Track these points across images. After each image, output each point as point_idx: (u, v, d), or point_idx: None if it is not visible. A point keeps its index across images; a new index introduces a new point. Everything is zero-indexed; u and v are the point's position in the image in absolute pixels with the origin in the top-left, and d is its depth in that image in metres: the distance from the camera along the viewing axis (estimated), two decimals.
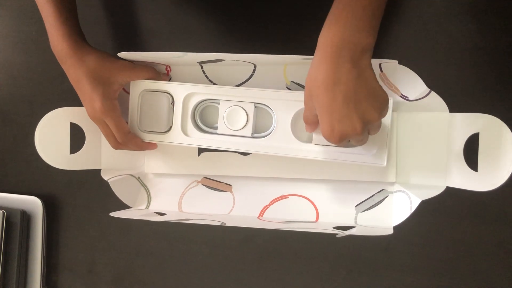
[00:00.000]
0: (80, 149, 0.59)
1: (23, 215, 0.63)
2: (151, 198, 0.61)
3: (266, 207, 0.58)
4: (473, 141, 0.49)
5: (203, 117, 0.57)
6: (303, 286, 0.57)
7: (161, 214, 0.59)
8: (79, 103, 0.54)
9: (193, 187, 0.60)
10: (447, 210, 0.53)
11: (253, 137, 0.54)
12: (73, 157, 0.59)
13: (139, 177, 0.62)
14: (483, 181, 0.48)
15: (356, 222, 0.55)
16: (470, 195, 0.49)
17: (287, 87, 0.56)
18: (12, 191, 0.65)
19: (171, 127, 0.56)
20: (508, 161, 0.47)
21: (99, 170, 0.60)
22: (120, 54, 0.53)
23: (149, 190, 0.62)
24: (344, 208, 0.56)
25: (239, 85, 0.57)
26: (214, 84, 0.58)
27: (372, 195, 0.55)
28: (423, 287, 0.54)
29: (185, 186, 0.60)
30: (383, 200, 0.55)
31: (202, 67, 0.58)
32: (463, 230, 0.53)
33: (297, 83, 0.56)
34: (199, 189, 0.60)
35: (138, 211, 0.60)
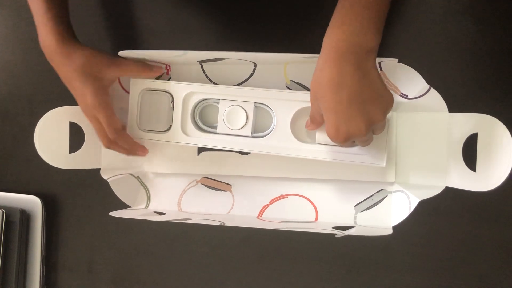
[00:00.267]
0: (80, 149, 0.59)
1: (22, 214, 0.63)
2: (151, 198, 0.61)
3: (265, 207, 0.58)
4: (472, 141, 0.49)
5: (202, 116, 0.57)
6: (302, 286, 0.57)
7: (161, 214, 0.59)
8: None
9: (192, 186, 0.60)
10: (446, 210, 0.53)
11: (253, 136, 0.54)
12: (72, 156, 0.59)
13: (138, 177, 0.62)
14: (482, 181, 0.48)
15: (355, 222, 0.55)
16: (469, 195, 0.49)
17: (287, 86, 0.56)
18: (11, 190, 0.65)
19: (170, 126, 0.56)
20: (507, 161, 0.47)
21: (98, 170, 0.60)
22: (121, 52, 0.53)
23: (148, 190, 0.62)
24: (344, 208, 0.56)
25: (239, 84, 0.57)
26: (214, 83, 0.58)
27: (371, 195, 0.55)
28: (422, 287, 0.54)
29: (184, 186, 0.60)
30: (382, 200, 0.55)
31: (202, 66, 0.58)
32: (462, 230, 0.53)
33: (297, 82, 0.56)
34: (198, 188, 0.60)
35: (137, 210, 0.60)
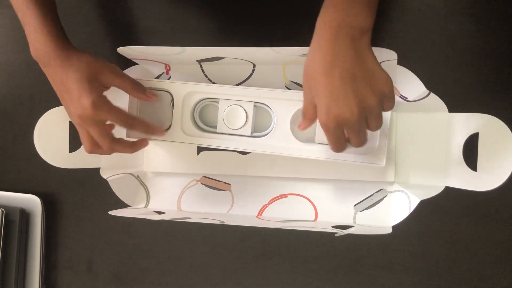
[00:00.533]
0: (79, 148, 0.59)
1: (22, 213, 0.63)
2: (150, 197, 0.61)
3: (265, 206, 0.58)
4: (472, 141, 0.49)
5: (202, 116, 0.57)
6: (301, 285, 0.57)
7: (160, 213, 0.59)
8: None
9: (192, 186, 0.60)
10: (446, 210, 0.53)
11: (252, 136, 0.54)
12: (72, 155, 0.59)
13: (138, 176, 0.62)
14: (482, 181, 0.48)
15: (354, 222, 0.55)
16: (469, 195, 0.49)
17: (287, 87, 0.56)
18: (11, 189, 0.65)
19: (170, 125, 0.56)
20: (507, 161, 0.47)
21: (98, 169, 0.60)
22: (119, 49, 0.53)
23: (148, 189, 0.62)
24: (343, 208, 0.56)
25: (238, 84, 0.57)
26: (214, 83, 0.58)
27: (371, 194, 0.55)
28: (422, 286, 0.54)
29: (184, 185, 0.60)
30: (382, 200, 0.55)
31: (201, 66, 0.58)
32: (462, 230, 0.53)
33: (296, 83, 0.56)
34: (198, 188, 0.60)
35: (137, 209, 0.60)
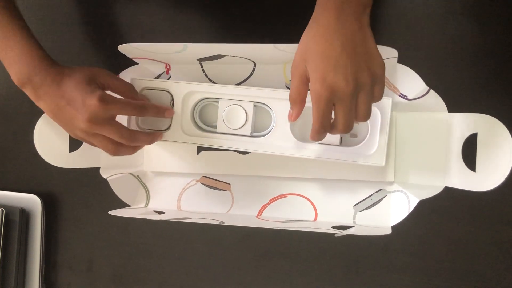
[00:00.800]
0: (79, 148, 0.59)
1: (22, 213, 0.63)
2: (150, 197, 0.61)
3: (264, 206, 0.58)
4: (472, 141, 0.49)
5: (202, 115, 0.57)
6: (301, 285, 0.57)
7: (160, 213, 0.59)
8: None
9: (192, 185, 0.60)
10: (445, 210, 0.53)
11: (252, 136, 0.54)
12: (72, 155, 0.59)
13: (138, 176, 0.62)
14: (482, 181, 0.48)
15: (354, 222, 0.55)
16: (469, 195, 0.49)
17: (287, 86, 0.56)
18: (11, 189, 0.65)
19: (170, 125, 0.56)
20: (506, 161, 0.47)
21: (98, 169, 0.60)
22: (120, 46, 0.53)
23: (148, 189, 0.62)
24: (343, 208, 0.56)
25: (238, 84, 0.57)
26: (214, 83, 0.58)
27: (370, 194, 0.55)
28: (421, 286, 0.54)
29: (184, 185, 0.61)
30: (381, 200, 0.55)
31: (201, 66, 0.58)
32: (461, 230, 0.53)
33: None
34: (198, 187, 0.60)
35: (137, 209, 0.60)
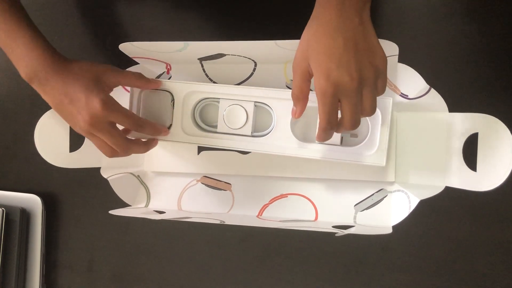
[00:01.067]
0: (80, 147, 0.59)
1: (22, 213, 0.63)
2: (151, 197, 0.61)
3: (265, 206, 0.58)
4: (472, 141, 0.49)
5: (203, 115, 0.57)
6: (301, 285, 0.57)
7: (160, 213, 0.59)
8: None
9: (192, 185, 0.60)
10: (445, 210, 0.53)
11: (253, 136, 0.54)
12: (72, 155, 0.59)
13: (138, 176, 0.62)
14: (482, 181, 0.48)
15: (355, 222, 0.55)
16: (469, 195, 0.49)
17: (287, 86, 0.56)
18: (11, 189, 0.65)
19: (171, 125, 0.56)
20: (507, 161, 0.47)
21: (98, 168, 0.60)
22: (121, 45, 0.53)
23: (148, 189, 0.62)
24: (343, 207, 0.56)
25: (239, 84, 0.57)
26: (214, 82, 0.58)
27: (371, 194, 0.55)
28: (422, 286, 0.54)
29: (184, 185, 0.61)
30: (382, 200, 0.55)
31: (202, 65, 0.58)
32: (462, 230, 0.53)
33: None
34: (198, 187, 0.60)
35: (137, 209, 0.60)
